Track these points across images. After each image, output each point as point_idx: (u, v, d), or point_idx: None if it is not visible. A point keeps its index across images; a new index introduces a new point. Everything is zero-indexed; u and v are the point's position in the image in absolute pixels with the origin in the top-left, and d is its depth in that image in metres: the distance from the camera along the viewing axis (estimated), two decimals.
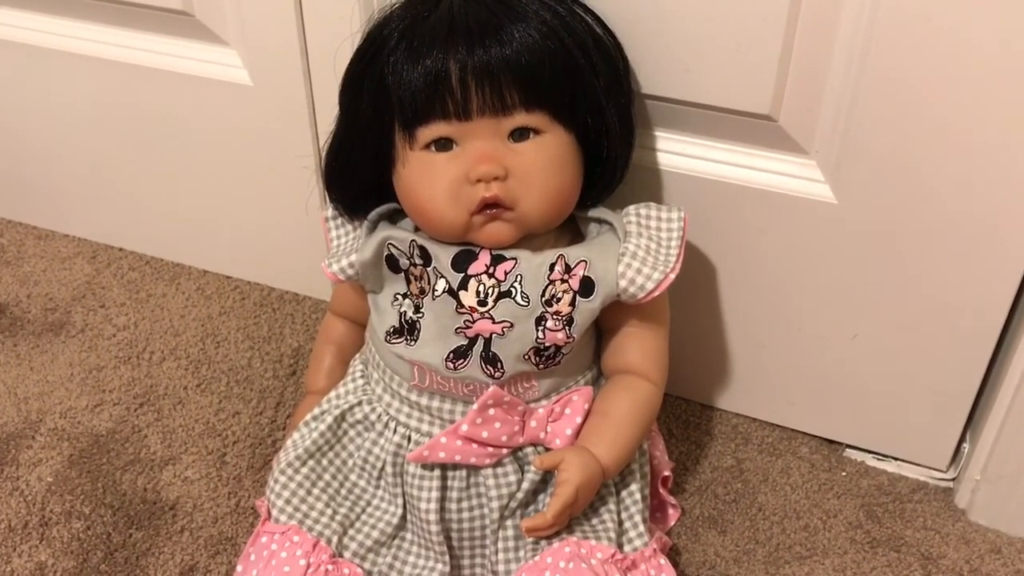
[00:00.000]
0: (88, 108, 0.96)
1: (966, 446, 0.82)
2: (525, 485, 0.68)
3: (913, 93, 0.66)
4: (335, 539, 0.69)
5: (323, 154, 0.72)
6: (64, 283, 1.02)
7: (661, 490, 0.78)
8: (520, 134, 0.64)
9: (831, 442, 0.86)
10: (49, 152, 1.02)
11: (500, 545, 0.69)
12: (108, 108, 0.95)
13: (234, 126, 0.91)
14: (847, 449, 0.86)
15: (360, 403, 0.72)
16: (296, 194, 0.88)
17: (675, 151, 0.76)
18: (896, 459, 0.84)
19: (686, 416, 0.88)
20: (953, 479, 0.83)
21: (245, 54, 0.87)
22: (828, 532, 0.79)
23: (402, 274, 0.69)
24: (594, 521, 0.68)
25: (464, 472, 0.68)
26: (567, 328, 0.66)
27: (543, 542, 0.66)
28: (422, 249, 0.67)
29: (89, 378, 0.92)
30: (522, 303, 0.66)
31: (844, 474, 0.84)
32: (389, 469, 0.70)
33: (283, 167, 0.89)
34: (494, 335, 0.66)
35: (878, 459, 0.85)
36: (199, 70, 0.89)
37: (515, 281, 0.66)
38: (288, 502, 0.70)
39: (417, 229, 0.70)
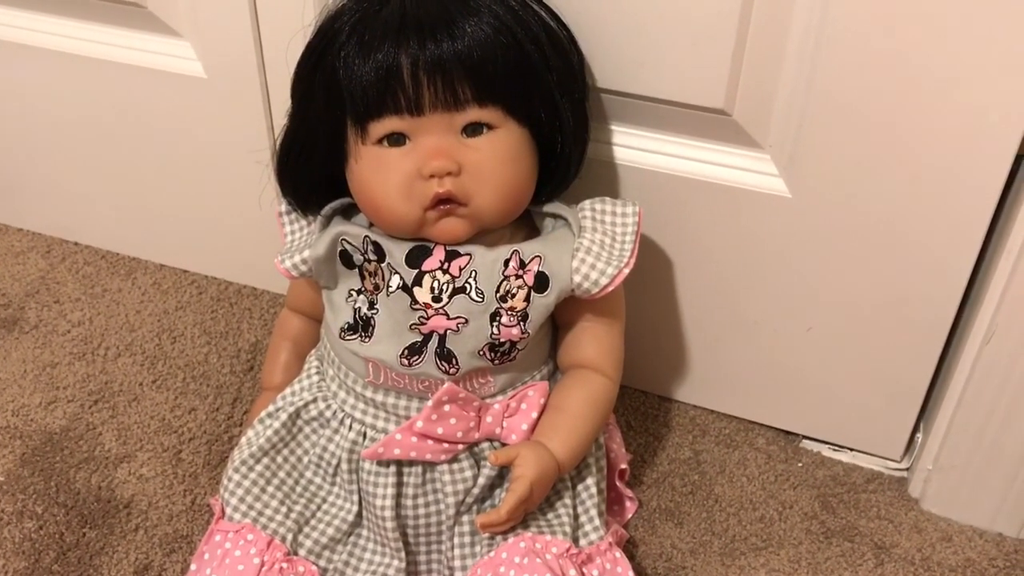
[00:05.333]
0: (40, 100, 0.95)
1: (919, 436, 0.83)
2: (481, 480, 0.68)
3: (865, 88, 0.66)
4: (290, 537, 0.69)
5: (276, 148, 0.71)
6: (17, 278, 1.00)
7: (618, 483, 0.78)
8: (473, 129, 0.64)
9: (788, 433, 0.87)
10: (0, 145, 1.00)
11: (456, 541, 0.69)
12: (60, 100, 0.94)
13: (189, 119, 0.89)
14: (803, 440, 0.86)
15: (315, 400, 0.72)
16: (253, 186, 0.87)
17: (630, 145, 0.76)
18: (851, 449, 0.85)
19: (644, 408, 0.88)
20: (907, 469, 0.84)
21: (199, 46, 0.86)
22: (784, 523, 0.80)
23: (356, 270, 0.68)
24: (549, 516, 0.68)
25: (420, 468, 0.68)
26: (522, 324, 0.66)
27: (498, 538, 0.66)
28: (376, 245, 0.67)
29: (43, 375, 0.90)
30: (477, 299, 0.65)
31: (800, 465, 0.84)
32: (344, 466, 0.70)
33: (238, 160, 0.88)
34: (449, 331, 0.66)
35: (834, 449, 0.86)
36: (152, 62, 0.88)
37: (470, 277, 0.66)
38: (242, 500, 0.69)
39: (371, 225, 0.69)
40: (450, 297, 0.66)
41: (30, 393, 0.88)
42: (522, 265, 0.66)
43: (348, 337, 0.68)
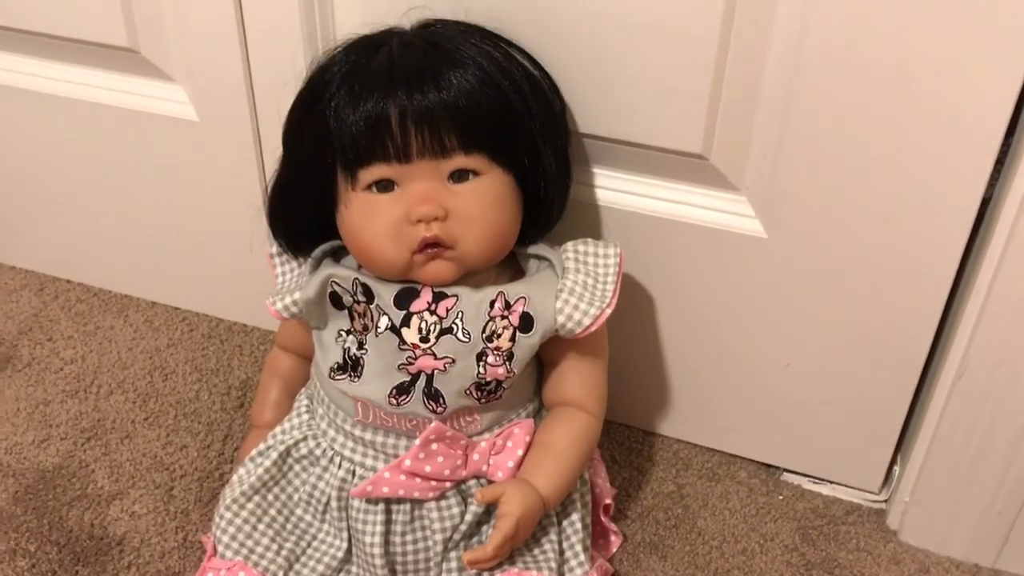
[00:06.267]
0: (34, 142, 0.97)
1: (897, 469, 0.84)
2: (468, 517, 0.70)
3: (836, 133, 0.69)
4: (281, 574, 0.70)
5: (267, 193, 0.73)
6: (10, 316, 1.02)
7: (603, 517, 0.80)
8: (459, 175, 0.66)
9: (769, 466, 0.89)
10: None
11: None
12: (54, 142, 0.96)
13: (181, 161, 0.91)
14: (784, 473, 0.88)
15: (305, 438, 0.73)
16: (244, 227, 0.89)
17: (612, 187, 0.78)
18: (831, 482, 0.87)
19: (629, 443, 0.90)
20: (885, 501, 0.86)
21: (191, 90, 0.88)
22: (765, 555, 0.81)
23: (346, 311, 0.70)
24: (535, 552, 0.70)
25: (408, 506, 0.70)
26: (507, 363, 0.68)
27: (485, 574, 0.68)
28: (365, 287, 0.69)
29: (36, 413, 0.91)
30: (463, 339, 0.67)
31: (781, 498, 0.86)
32: (334, 504, 0.71)
33: (230, 202, 0.90)
34: (436, 371, 0.67)
35: (814, 482, 0.87)
36: (146, 106, 0.90)
37: (456, 318, 0.67)
38: (234, 538, 0.70)
39: (360, 267, 0.71)
40: (437, 338, 0.67)
41: (23, 431, 0.90)
42: (507, 306, 0.68)
43: (337, 377, 0.70)
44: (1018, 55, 0.62)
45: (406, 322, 0.68)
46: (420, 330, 0.68)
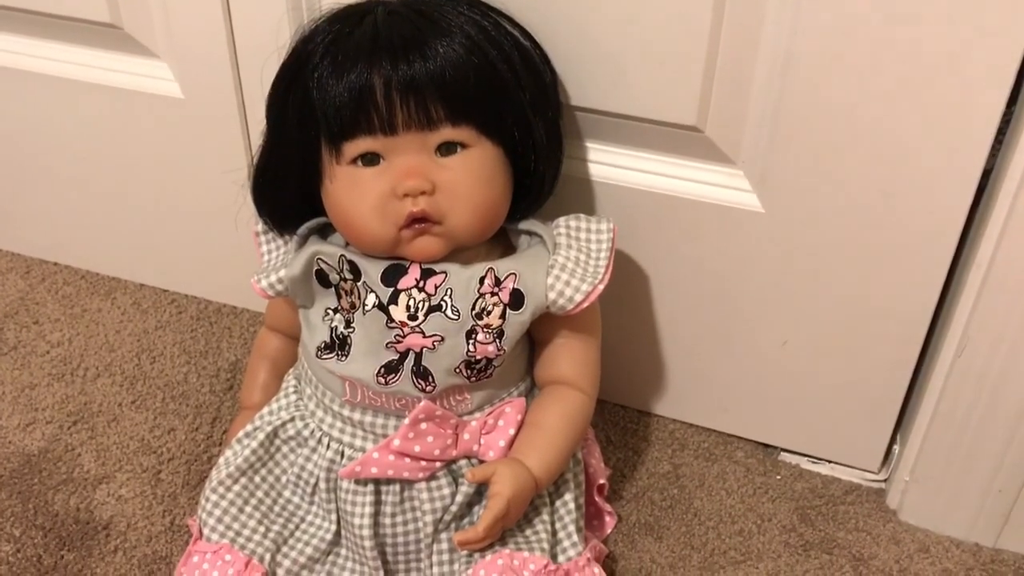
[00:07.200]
0: (18, 121, 0.95)
1: (896, 448, 0.83)
2: (459, 498, 0.68)
3: (833, 105, 0.67)
4: (268, 557, 0.69)
5: (252, 169, 0.71)
6: None
7: (597, 498, 0.78)
8: (447, 148, 0.64)
9: (766, 446, 0.87)
10: None
11: (435, 559, 0.69)
12: (37, 121, 0.94)
13: (166, 139, 0.90)
14: (782, 452, 0.87)
15: (293, 419, 0.72)
16: (231, 206, 0.87)
17: (605, 162, 0.76)
18: (829, 462, 0.86)
19: (623, 423, 0.89)
20: (884, 481, 0.84)
21: (175, 67, 0.86)
22: (762, 536, 0.80)
23: (332, 289, 0.68)
24: (527, 532, 0.69)
25: (398, 487, 0.68)
26: (497, 341, 0.66)
27: (476, 555, 0.67)
28: (352, 264, 0.67)
29: (21, 396, 0.90)
30: (452, 317, 0.66)
31: (779, 477, 0.85)
32: (323, 485, 0.70)
33: (217, 179, 0.88)
34: (425, 349, 0.66)
35: (812, 462, 0.86)
36: (129, 83, 0.88)
37: (445, 295, 0.66)
38: (220, 520, 0.69)
39: (347, 244, 0.70)
40: (426, 315, 0.66)
41: (8, 415, 0.88)
42: (497, 282, 0.66)
43: (325, 356, 0.68)
44: (1019, 23, 0.60)
45: (394, 299, 0.66)
46: (408, 308, 0.66)
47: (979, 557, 0.79)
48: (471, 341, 0.66)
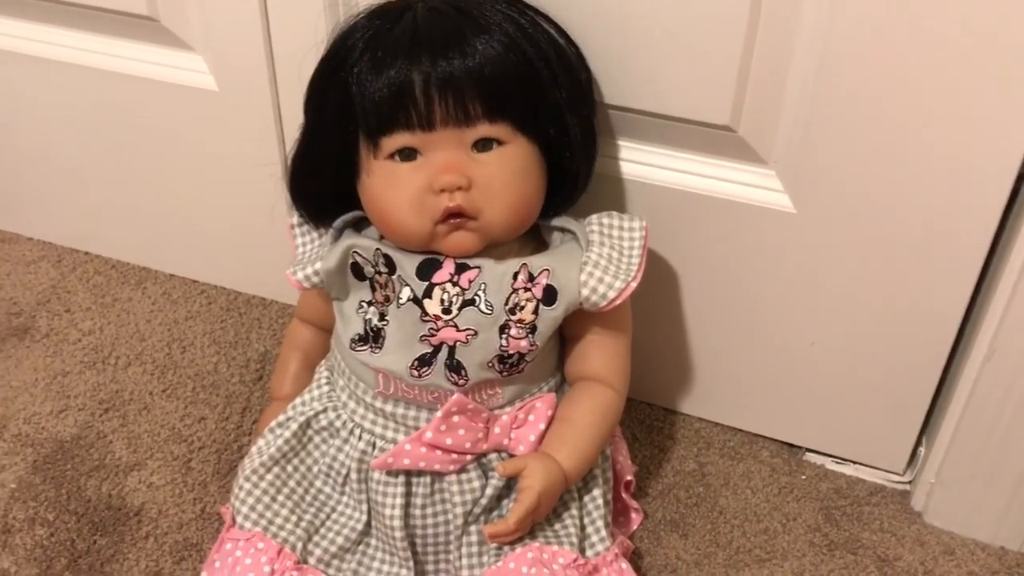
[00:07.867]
0: (53, 112, 0.96)
1: (922, 450, 0.83)
2: (489, 491, 0.69)
3: (868, 106, 0.67)
4: (299, 545, 0.69)
5: (288, 162, 0.72)
6: (29, 287, 1.01)
7: (624, 494, 0.79)
8: (483, 145, 0.65)
9: (791, 446, 0.88)
10: (13, 155, 1.01)
11: (464, 551, 0.70)
12: (74, 112, 0.95)
13: (200, 131, 0.91)
14: (807, 453, 0.87)
15: (325, 410, 0.72)
16: (263, 199, 0.88)
17: (638, 160, 0.77)
18: (855, 463, 0.86)
19: (650, 421, 0.89)
20: (910, 482, 0.84)
21: (211, 60, 0.87)
22: (787, 535, 0.80)
23: (367, 282, 0.69)
24: (556, 526, 0.69)
25: (428, 478, 0.69)
26: (530, 336, 0.67)
27: (506, 548, 0.67)
28: (387, 257, 0.68)
29: (54, 383, 0.91)
30: (486, 311, 0.66)
31: (804, 477, 0.85)
32: (354, 476, 0.71)
33: (250, 172, 0.89)
34: (458, 343, 0.67)
35: (837, 462, 0.86)
36: (165, 75, 0.89)
37: (479, 289, 0.67)
38: (253, 508, 0.70)
39: (382, 237, 0.70)
40: (460, 309, 0.66)
41: (41, 401, 0.89)
42: (531, 278, 0.67)
43: (358, 348, 0.69)
44: None
45: (428, 293, 0.67)
46: (442, 301, 0.67)
47: (1004, 561, 0.79)
48: (504, 336, 0.66)
